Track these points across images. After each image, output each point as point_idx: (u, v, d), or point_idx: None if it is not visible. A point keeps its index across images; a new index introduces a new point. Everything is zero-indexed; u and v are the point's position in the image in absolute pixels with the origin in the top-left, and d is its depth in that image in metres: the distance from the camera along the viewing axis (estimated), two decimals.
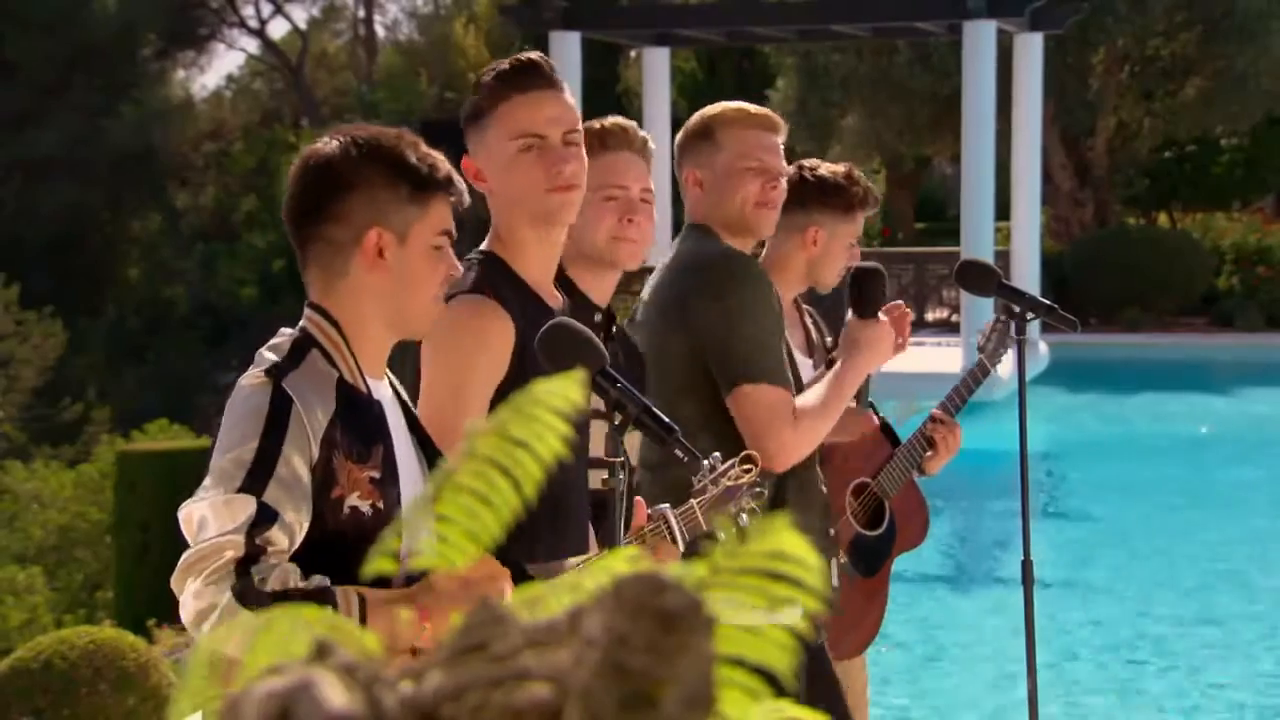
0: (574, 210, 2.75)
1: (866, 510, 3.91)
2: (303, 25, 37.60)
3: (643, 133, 3.12)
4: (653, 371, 3.20)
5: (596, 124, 3.02)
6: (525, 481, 0.83)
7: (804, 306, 3.85)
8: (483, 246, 2.80)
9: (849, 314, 3.41)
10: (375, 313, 2.32)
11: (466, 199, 2.39)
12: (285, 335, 2.33)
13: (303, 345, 2.29)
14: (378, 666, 0.70)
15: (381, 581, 2.19)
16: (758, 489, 2.64)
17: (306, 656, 0.71)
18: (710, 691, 0.67)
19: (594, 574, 0.82)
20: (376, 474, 2.27)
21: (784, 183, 3.40)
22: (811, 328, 3.83)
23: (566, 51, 16.08)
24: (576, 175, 2.72)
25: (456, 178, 2.36)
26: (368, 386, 2.32)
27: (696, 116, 3.47)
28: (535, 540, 2.60)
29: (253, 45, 39.38)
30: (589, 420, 2.73)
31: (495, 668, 0.69)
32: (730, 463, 2.59)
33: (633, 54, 26.61)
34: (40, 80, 27.72)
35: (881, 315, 3.40)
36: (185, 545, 2.22)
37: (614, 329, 3.04)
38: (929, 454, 3.86)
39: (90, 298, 26.85)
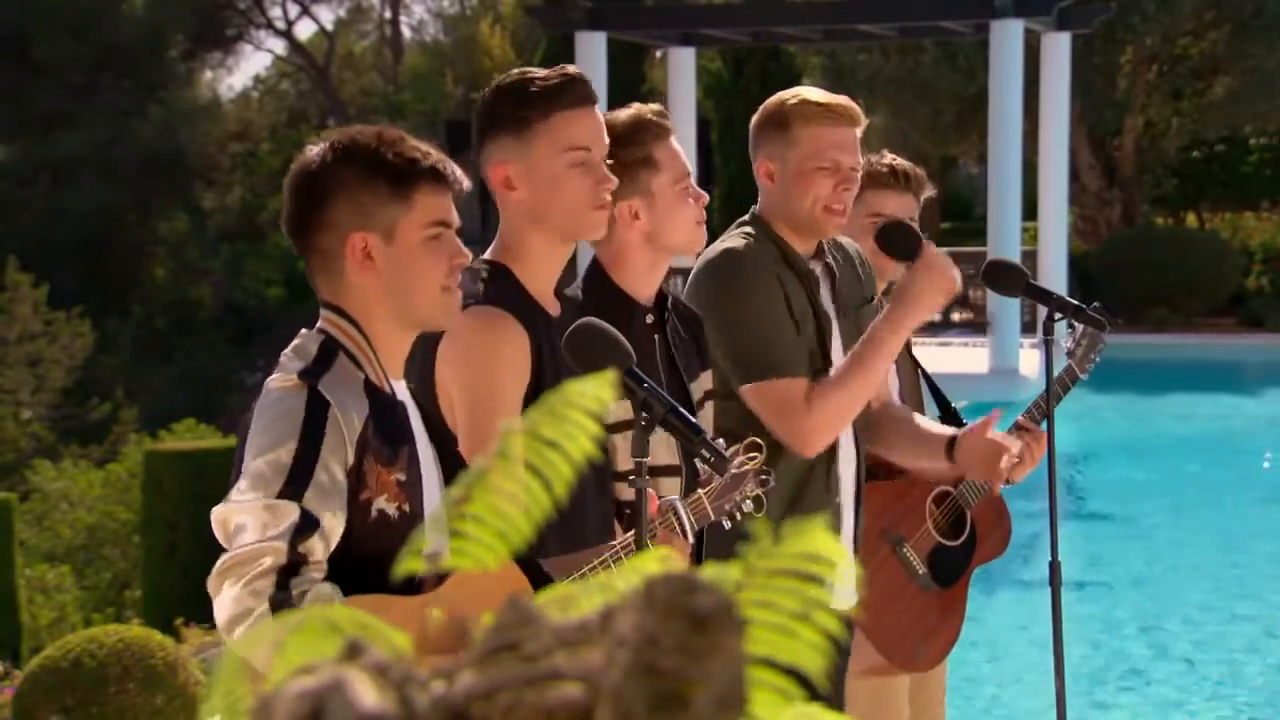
0: (604, 229, 2.79)
1: (947, 519, 3.85)
2: (329, 26, 37.70)
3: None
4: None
5: (635, 114, 3.01)
6: (556, 481, 0.83)
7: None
8: (487, 256, 2.77)
9: (900, 269, 3.22)
10: (381, 313, 2.30)
11: (465, 184, 2.36)
12: (307, 337, 2.31)
13: (329, 348, 2.28)
14: (409, 666, 0.70)
15: (410, 583, 2.19)
16: (763, 476, 2.65)
17: (338, 656, 0.71)
18: (742, 692, 0.67)
19: (625, 574, 0.82)
20: (403, 476, 2.26)
21: (857, 183, 3.26)
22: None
23: (592, 52, 16.08)
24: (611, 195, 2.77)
25: (448, 166, 2.32)
26: (391, 387, 2.32)
27: (774, 102, 3.30)
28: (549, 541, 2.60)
29: (279, 46, 39.52)
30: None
31: (527, 667, 0.69)
32: (734, 449, 2.60)
33: (658, 54, 26.60)
34: (68, 81, 27.86)
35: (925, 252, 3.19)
36: (213, 545, 2.21)
37: (668, 305, 3.07)
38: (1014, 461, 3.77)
39: (118, 298, 26.96)
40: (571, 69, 2.78)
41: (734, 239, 3.27)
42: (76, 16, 27.64)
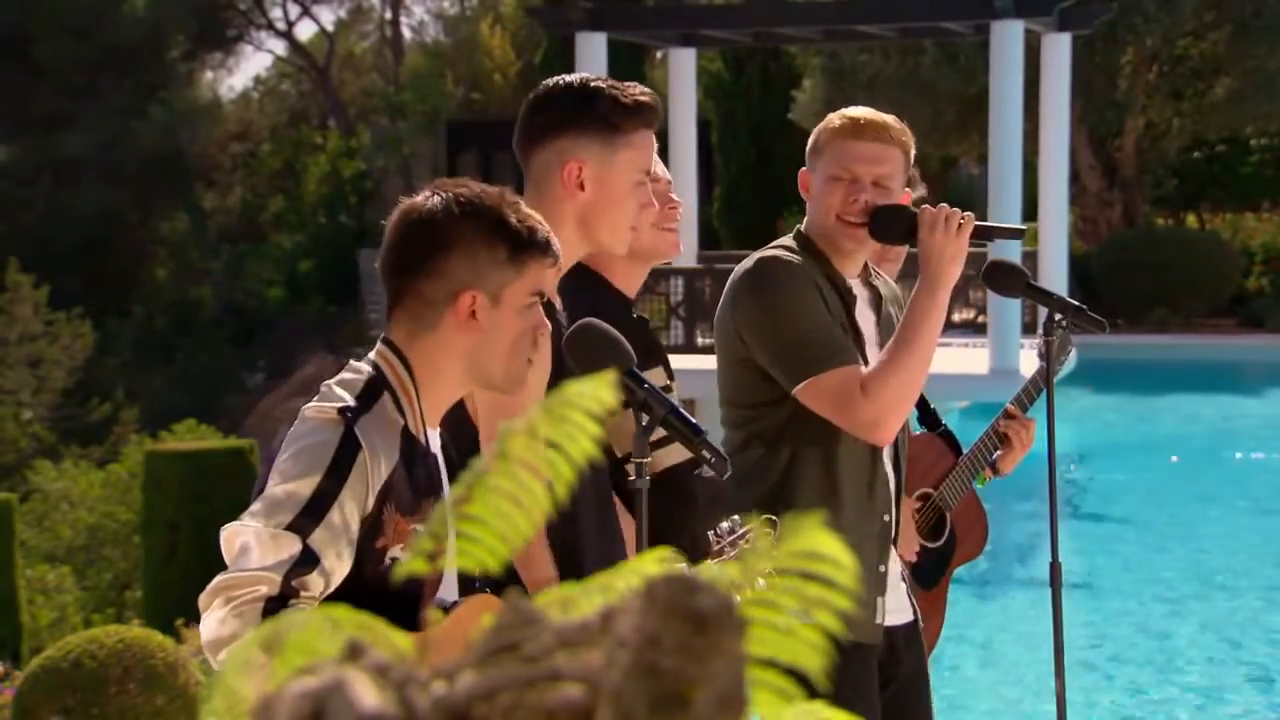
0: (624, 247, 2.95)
1: (927, 521, 3.85)
2: (330, 27, 37.69)
3: None
4: (719, 370, 3.24)
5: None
6: (557, 483, 0.83)
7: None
8: None
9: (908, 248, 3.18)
10: (457, 369, 2.30)
11: (560, 259, 2.36)
12: (356, 370, 2.30)
13: (376, 387, 2.27)
14: (410, 667, 0.70)
15: (409, 593, 2.20)
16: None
17: (339, 657, 0.71)
18: (742, 692, 0.67)
19: (625, 575, 0.82)
20: (420, 528, 2.26)
21: (867, 191, 3.16)
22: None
23: (592, 52, 16.08)
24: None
25: (555, 241, 2.33)
26: (426, 438, 2.32)
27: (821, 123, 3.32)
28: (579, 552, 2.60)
29: (280, 47, 39.49)
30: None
31: (527, 668, 0.69)
32: (747, 529, 2.60)
33: (659, 55, 26.60)
34: (69, 82, 27.88)
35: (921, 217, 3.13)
36: (214, 545, 2.22)
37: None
38: (1001, 451, 3.74)
39: (118, 298, 26.97)
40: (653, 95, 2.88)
41: (771, 249, 3.22)
42: (77, 17, 27.65)
